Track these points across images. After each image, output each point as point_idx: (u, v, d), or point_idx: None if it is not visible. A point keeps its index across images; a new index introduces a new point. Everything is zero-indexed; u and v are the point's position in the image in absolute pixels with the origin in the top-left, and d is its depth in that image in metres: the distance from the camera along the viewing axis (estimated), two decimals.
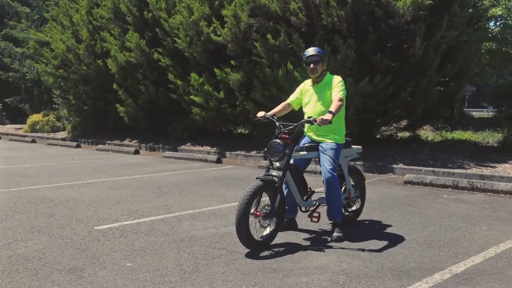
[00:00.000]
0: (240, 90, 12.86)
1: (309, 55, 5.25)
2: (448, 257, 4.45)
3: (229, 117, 13.54)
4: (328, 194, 5.05)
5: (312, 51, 5.27)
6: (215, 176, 9.61)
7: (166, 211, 6.44)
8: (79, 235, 5.23)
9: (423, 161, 10.02)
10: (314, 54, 5.22)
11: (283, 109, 5.51)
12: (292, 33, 11.25)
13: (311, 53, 5.24)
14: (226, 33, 12.51)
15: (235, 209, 6.54)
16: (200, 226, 5.64)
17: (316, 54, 5.22)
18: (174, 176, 9.70)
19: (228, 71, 12.72)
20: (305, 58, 5.29)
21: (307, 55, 5.26)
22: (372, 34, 10.51)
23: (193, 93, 13.69)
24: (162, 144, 15.19)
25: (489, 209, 6.49)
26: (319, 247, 4.81)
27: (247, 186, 7.85)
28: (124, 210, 6.47)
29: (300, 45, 11.11)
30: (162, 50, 14.76)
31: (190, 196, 7.51)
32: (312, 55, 5.23)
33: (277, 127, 5.06)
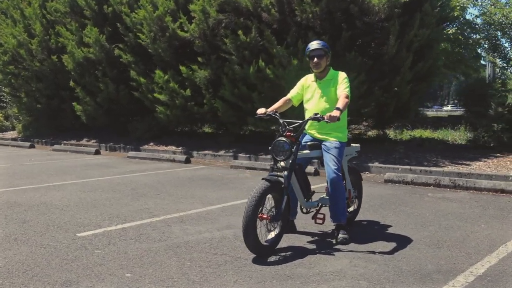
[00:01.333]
0: (207, 88, 12.49)
1: (312, 49, 4.99)
2: (462, 258, 4.30)
3: (196, 115, 13.15)
4: (332, 195, 4.81)
5: (315, 44, 5.01)
6: (189, 177, 9.22)
7: (150, 214, 6.04)
8: (62, 243, 4.77)
9: (398, 159, 9.99)
10: (318, 47, 4.96)
11: (283, 104, 5.23)
12: (263, 30, 10.99)
13: (315, 47, 4.98)
14: (194, 28, 12.11)
15: (222, 211, 6.31)
16: (192, 230, 5.28)
17: (320, 48, 4.96)
18: (145, 177, 9.25)
19: (195, 68, 12.32)
20: (308, 51, 5.03)
21: (311, 49, 5.00)
22: (346, 32, 10.39)
23: (158, 91, 13.22)
24: (123, 144, 14.60)
25: (479, 207, 6.45)
26: (326, 250, 4.56)
27: (225, 187, 7.56)
28: (103, 215, 6.01)
29: (272, 42, 10.87)
30: (123, 46, 14.18)
31: (169, 198, 7.12)
32: (316, 49, 4.97)
33: (281, 124, 4.77)
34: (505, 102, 10.17)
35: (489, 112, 10.24)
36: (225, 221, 5.67)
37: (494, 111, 10.18)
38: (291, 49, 10.74)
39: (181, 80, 12.85)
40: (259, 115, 5.01)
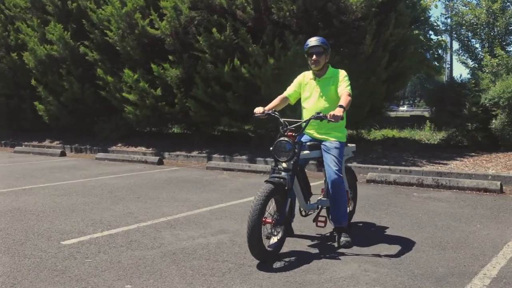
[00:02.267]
0: (179, 87, 12.17)
1: (311, 46, 4.82)
2: (469, 259, 4.22)
3: (167, 115, 12.79)
4: (334, 197, 4.64)
5: (314, 41, 4.84)
6: (165, 179, 8.91)
7: (135, 219, 5.74)
8: (47, 253, 4.43)
9: (376, 159, 9.97)
10: (317, 44, 4.80)
11: (280, 103, 5.02)
12: (238, 28, 10.77)
13: (314, 44, 4.82)
14: (165, 26, 11.77)
15: (210, 214, 6.06)
16: (184, 235, 5.02)
17: (319, 45, 4.80)
18: (120, 179, 8.88)
19: (166, 67, 11.97)
20: (307, 48, 4.85)
21: (309, 45, 4.83)
22: (322, 31, 10.28)
23: (126, 90, 12.80)
24: (89, 145, 14.09)
25: (468, 206, 6.44)
26: (330, 254, 4.39)
27: (206, 189, 7.32)
28: (85, 221, 5.67)
29: (247, 40, 10.67)
30: (89, 44, 13.69)
31: (151, 201, 6.82)
32: (315, 46, 4.80)
33: (281, 124, 4.57)
34: (479, 102, 10.30)
35: (463, 111, 10.34)
36: (217, 225, 5.44)
37: (468, 111, 10.29)
38: (267, 48, 10.57)
39: (151, 79, 12.48)
40: (258, 115, 4.77)
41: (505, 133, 10.02)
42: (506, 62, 10.84)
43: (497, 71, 10.86)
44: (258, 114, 4.76)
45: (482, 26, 12.67)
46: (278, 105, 4.97)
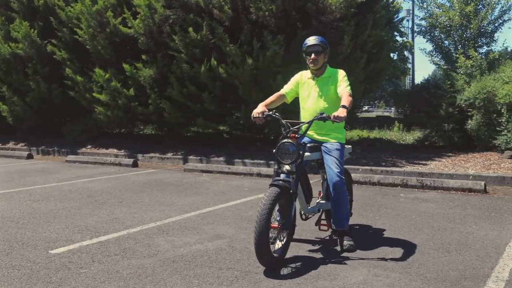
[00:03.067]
0: (152, 87, 11.88)
1: (309, 45, 4.70)
2: (476, 261, 4.18)
3: (140, 116, 12.47)
4: (335, 200, 4.53)
5: (313, 40, 4.73)
6: (144, 182, 8.64)
7: (123, 225, 5.49)
8: (37, 264, 4.15)
9: (355, 160, 9.93)
10: (315, 43, 4.69)
11: (276, 100, 4.86)
12: (215, 27, 10.57)
13: (312, 43, 4.70)
14: (138, 25, 11.46)
15: (201, 219, 5.86)
16: (179, 242, 4.82)
17: (318, 44, 4.69)
18: (96, 183, 8.56)
19: (139, 67, 11.66)
20: (305, 47, 4.74)
21: (308, 44, 4.71)
22: (301, 31, 10.21)
23: (97, 90, 12.41)
24: (56, 146, 13.60)
25: (458, 207, 6.45)
26: (336, 259, 4.28)
27: (189, 192, 7.11)
28: (70, 227, 5.39)
29: (224, 40, 10.48)
30: (57, 42, 13.22)
31: (135, 206, 6.56)
32: (314, 45, 4.69)
33: (283, 125, 4.43)
34: (455, 102, 10.44)
35: (439, 112, 10.45)
36: (211, 230, 5.25)
37: (444, 112, 10.40)
38: (245, 48, 10.40)
39: (123, 79, 12.13)
40: (257, 117, 4.58)
41: (481, 133, 10.18)
42: (480, 63, 11.03)
43: (471, 72, 11.04)
44: (256, 116, 4.55)
45: (456, 28, 12.87)
46: (275, 101, 4.83)
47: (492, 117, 10.00)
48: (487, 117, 10.04)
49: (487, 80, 10.12)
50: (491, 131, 10.09)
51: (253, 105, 10.64)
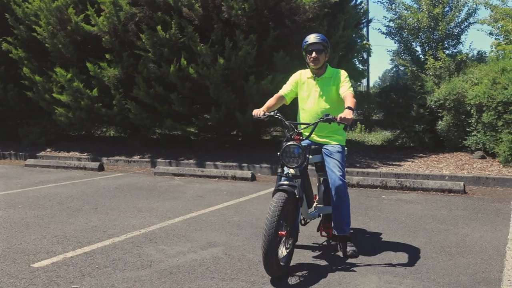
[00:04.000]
0: (117, 87, 11.44)
1: (310, 43, 4.52)
2: (483, 264, 4.10)
3: (103, 118, 11.98)
4: (338, 204, 4.36)
5: (314, 38, 4.55)
6: (115, 187, 8.24)
7: (105, 234, 5.14)
8: (20, 279, 3.79)
9: None
10: (316, 41, 4.51)
11: (276, 102, 4.64)
12: (185, 26, 10.26)
13: (313, 41, 4.52)
14: (103, 22, 10.99)
15: (187, 225, 5.57)
16: (171, 251, 4.53)
17: (319, 42, 4.51)
18: (63, 188, 8.09)
19: (103, 66, 11.19)
20: (306, 45, 4.55)
21: (308, 42, 4.52)
22: (274, 31, 10.05)
23: (57, 91, 11.84)
24: (13, 150, 12.90)
25: (443, 208, 6.41)
26: (342, 266, 4.11)
27: (165, 196, 6.83)
28: (47, 237, 5.00)
29: (194, 39, 10.17)
30: (13, 40, 12.54)
31: (112, 212, 6.20)
32: (315, 43, 4.51)
33: (286, 126, 4.23)
34: (426, 104, 10.52)
35: (411, 113, 10.52)
36: (201, 238, 4.98)
37: (416, 113, 10.47)
38: (216, 48, 10.14)
39: (86, 79, 11.62)
40: (258, 117, 4.36)
41: (451, 134, 10.31)
42: (448, 65, 11.18)
43: (440, 74, 11.17)
44: (257, 117, 4.34)
45: (424, 30, 13.04)
46: (275, 104, 4.60)
47: (461, 118, 10.14)
48: (457, 118, 10.17)
49: (457, 82, 10.25)
50: (460, 132, 10.23)
51: (224, 106, 10.48)
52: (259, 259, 4.24)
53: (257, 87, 10.08)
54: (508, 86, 8.75)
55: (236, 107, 10.45)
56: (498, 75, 9.13)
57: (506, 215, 5.95)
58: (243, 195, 7.39)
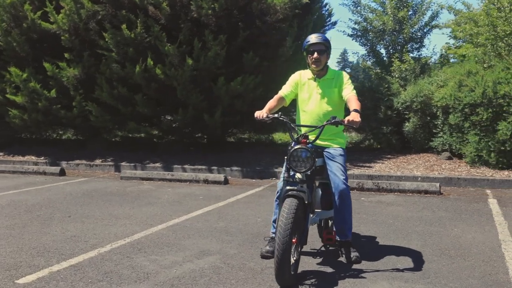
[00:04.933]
0: (77, 88, 10.95)
1: (312, 43, 4.35)
2: (487, 267, 4.09)
3: (62, 120, 11.44)
4: (341, 209, 4.25)
5: (315, 38, 4.38)
6: (82, 192, 7.83)
7: (88, 244, 4.82)
8: None
9: None
10: (318, 42, 4.34)
11: (277, 104, 4.45)
12: (151, 25, 9.93)
13: (315, 41, 4.35)
14: (62, 20, 10.49)
15: (172, 232, 5.31)
16: (165, 261, 4.28)
17: (321, 43, 4.35)
18: (26, 195, 7.61)
19: (63, 66, 10.68)
20: (307, 45, 4.38)
21: (310, 42, 4.36)
22: (243, 31, 9.88)
23: (11, 92, 11.21)
24: None
25: (426, 209, 6.43)
26: (350, 272, 3.99)
27: (140, 202, 6.57)
28: (25, 250, 4.63)
29: (161, 38, 9.87)
30: None
31: (88, 220, 5.85)
32: (316, 43, 4.34)
33: (292, 129, 4.09)
34: (393, 105, 10.63)
35: (378, 115, 10.60)
36: (193, 246, 4.75)
37: (383, 114, 10.56)
38: (184, 48, 9.86)
39: (43, 80, 11.06)
40: (261, 119, 4.18)
41: (417, 135, 10.46)
42: (413, 67, 11.36)
43: (406, 76, 11.34)
44: (260, 118, 4.16)
45: (389, 33, 13.21)
46: (275, 106, 4.43)
47: (427, 119, 10.30)
48: (423, 120, 10.33)
49: (423, 84, 10.41)
50: (426, 133, 10.40)
51: (191, 107, 10.21)
52: (261, 267, 4.09)
53: (226, 89, 9.89)
54: (475, 89, 8.93)
55: (204, 109, 10.21)
56: (464, 77, 9.32)
57: (488, 215, 6.03)
58: (221, 200, 7.18)
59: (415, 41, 13.50)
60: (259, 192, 7.91)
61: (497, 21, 9.37)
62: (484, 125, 8.85)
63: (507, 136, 8.49)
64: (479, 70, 9.39)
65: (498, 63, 9.36)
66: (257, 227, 5.52)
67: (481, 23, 9.66)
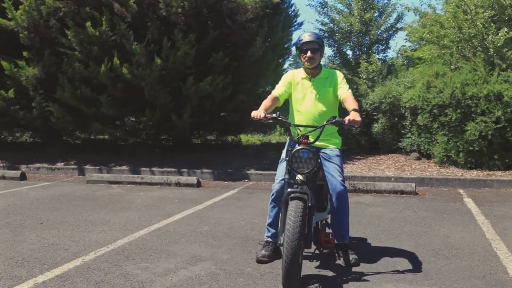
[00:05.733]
0: (36, 88, 10.48)
1: (305, 41, 4.24)
2: (484, 266, 4.08)
3: (21, 121, 10.91)
4: (339, 211, 4.14)
5: (309, 36, 4.27)
6: (50, 198, 7.45)
7: (69, 253, 4.53)
8: None
9: (271, 165, 9.67)
10: (312, 40, 4.23)
11: (272, 104, 4.30)
12: (117, 23, 9.60)
13: (308, 39, 4.24)
14: (21, 17, 10.00)
15: (156, 238, 5.08)
16: (158, 269, 4.06)
17: (314, 41, 4.24)
18: None
19: (22, 65, 10.18)
20: (300, 44, 4.26)
21: (304, 41, 4.24)
22: (213, 30, 9.70)
23: None
24: None
25: (406, 210, 6.44)
26: (352, 276, 3.89)
27: (114, 206, 6.34)
28: (2, 259, 4.31)
29: (128, 37, 9.56)
30: None
31: (63, 227, 5.54)
32: (310, 42, 4.23)
33: (289, 129, 3.96)
34: (361, 107, 10.68)
35: None
36: (182, 252, 4.55)
37: None
38: (152, 47, 9.58)
39: None
40: (258, 119, 4.03)
41: (386, 136, 10.56)
42: (381, 69, 11.48)
43: (373, 77, 11.43)
44: (258, 118, 4.01)
45: (356, 34, 13.30)
46: (271, 106, 4.28)
47: (396, 120, 10.42)
48: (392, 121, 10.43)
49: (391, 85, 10.52)
50: (395, 134, 10.51)
51: (159, 108, 9.92)
52: (259, 272, 3.95)
53: (196, 89, 9.68)
54: (444, 90, 9.08)
55: (172, 110, 9.96)
56: (432, 78, 9.46)
57: (469, 215, 6.09)
58: (198, 203, 6.97)
59: (381, 43, 13.68)
60: (235, 194, 7.74)
61: (463, 24, 9.56)
62: (453, 125, 9.00)
63: (475, 136, 8.66)
64: (446, 72, 9.56)
65: (465, 64, 9.56)
66: (243, 230, 5.37)
67: (447, 26, 9.83)
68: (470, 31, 9.57)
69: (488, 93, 8.74)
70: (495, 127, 8.59)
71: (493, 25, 9.39)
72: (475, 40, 9.38)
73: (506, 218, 5.86)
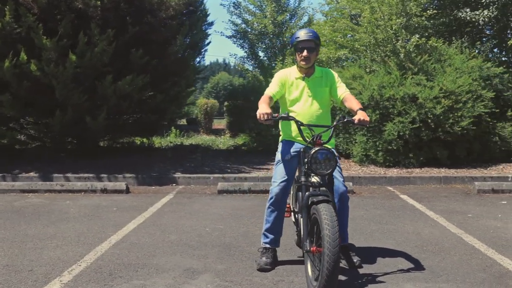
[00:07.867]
0: None
1: (301, 40, 4.07)
2: (475, 259, 4.25)
3: None
4: (341, 212, 4.02)
5: (305, 34, 4.10)
6: None
7: (37, 274, 3.93)
8: None
9: (196, 167, 9.37)
10: (308, 39, 4.07)
11: (268, 104, 4.09)
12: (23, 14, 8.64)
13: (305, 38, 4.08)
14: None
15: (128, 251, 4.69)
16: (157, 286, 3.66)
17: (310, 40, 4.08)
18: None
19: None
20: (296, 42, 4.09)
21: (300, 39, 4.07)
22: (132, 27, 9.13)
23: None
24: None
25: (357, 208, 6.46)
26: (366, 278, 3.81)
27: (50, 219, 5.92)
28: None
29: (37, 30, 8.64)
30: None
31: (5, 244, 4.81)
32: (306, 40, 4.07)
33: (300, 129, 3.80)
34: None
35: None
36: (169, 265, 4.16)
37: None
38: (65, 42, 8.76)
39: None
40: (267, 120, 3.78)
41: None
42: None
43: None
44: (266, 118, 3.77)
45: (269, 36, 13.33)
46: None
47: None
48: None
49: None
50: None
51: (71, 108, 9.08)
52: (271, 281, 3.76)
53: (114, 88, 9.04)
54: (363, 92, 9.45)
55: (86, 111, 9.20)
56: (350, 81, 9.81)
57: (418, 211, 6.34)
58: (141, 210, 6.46)
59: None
60: (174, 200, 7.31)
61: (376, 30, 10.04)
62: (372, 126, 9.40)
63: (394, 136, 9.13)
64: (363, 75, 9.97)
65: (380, 68, 10.05)
66: (216, 238, 5.06)
67: (361, 30, 10.26)
68: (381, 35, 10.08)
69: (404, 95, 9.27)
70: (411, 127, 9.12)
71: (404, 32, 9.98)
72: (390, 45, 9.87)
73: (453, 213, 6.20)
